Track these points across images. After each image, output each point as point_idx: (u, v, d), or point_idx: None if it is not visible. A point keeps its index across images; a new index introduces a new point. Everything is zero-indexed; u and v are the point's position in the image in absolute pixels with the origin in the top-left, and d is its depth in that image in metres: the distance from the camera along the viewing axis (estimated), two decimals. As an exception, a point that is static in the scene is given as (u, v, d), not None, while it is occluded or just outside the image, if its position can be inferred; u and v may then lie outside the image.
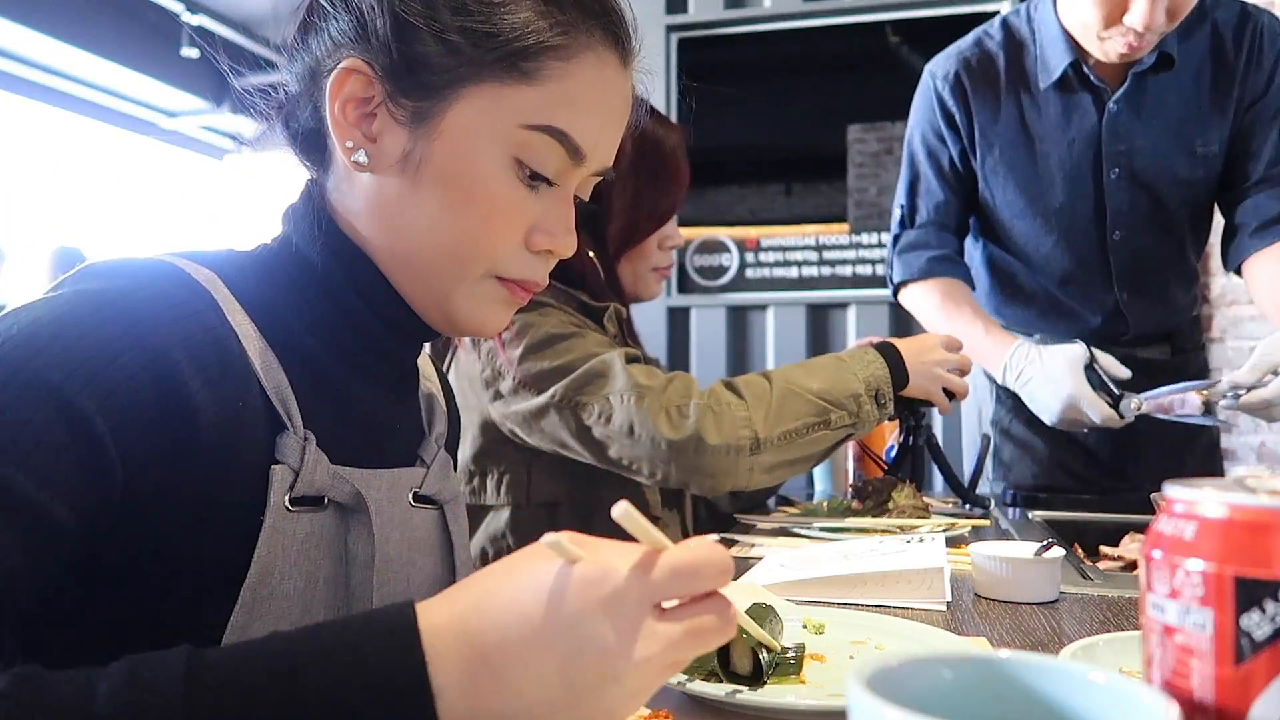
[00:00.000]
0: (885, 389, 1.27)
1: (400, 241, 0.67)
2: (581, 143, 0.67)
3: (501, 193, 0.66)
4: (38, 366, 0.52)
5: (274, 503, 0.61)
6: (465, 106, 0.64)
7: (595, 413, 1.19)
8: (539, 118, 0.65)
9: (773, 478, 1.25)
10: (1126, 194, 1.53)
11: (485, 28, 0.64)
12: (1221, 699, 0.37)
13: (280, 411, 0.62)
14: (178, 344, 0.57)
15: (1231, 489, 0.39)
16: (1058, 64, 1.51)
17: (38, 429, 0.51)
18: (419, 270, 0.68)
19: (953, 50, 1.64)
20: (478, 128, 0.64)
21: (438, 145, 0.65)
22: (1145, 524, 1.32)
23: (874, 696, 0.34)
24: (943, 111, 1.61)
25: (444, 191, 0.65)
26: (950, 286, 1.62)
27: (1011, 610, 0.91)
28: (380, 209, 0.67)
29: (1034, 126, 1.56)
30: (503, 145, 0.65)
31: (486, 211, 0.66)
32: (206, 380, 0.58)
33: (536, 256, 0.70)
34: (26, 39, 5.97)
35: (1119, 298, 1.59)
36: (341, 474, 0.65)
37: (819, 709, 0.60)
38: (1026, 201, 1.58)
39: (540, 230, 0.68)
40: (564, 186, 0.69)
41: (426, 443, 0.78)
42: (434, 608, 0.45)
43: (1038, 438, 1.65)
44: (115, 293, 0.57)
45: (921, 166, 1.66)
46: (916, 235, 1.67)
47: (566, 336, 1.24)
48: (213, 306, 0.61)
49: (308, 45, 0.70)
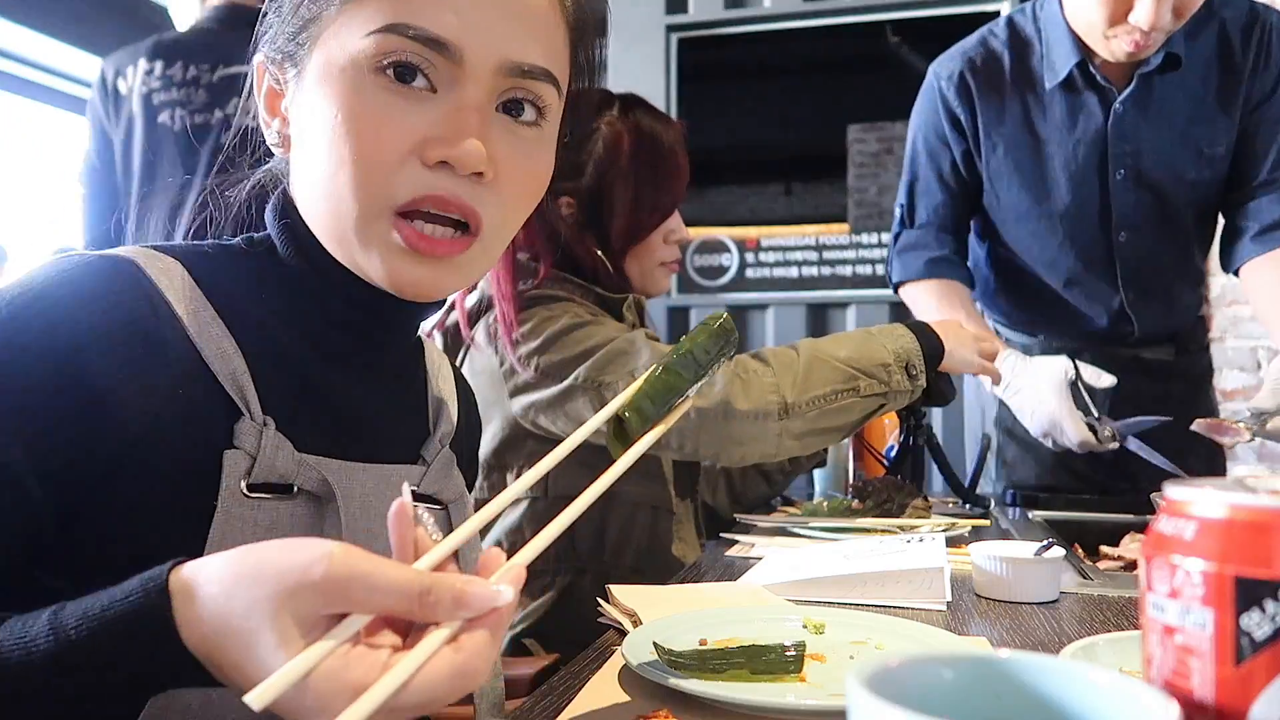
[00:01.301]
0: (916, 360, 1.26)
1: (317, 205, 0.67)
2: (441, 32, 0.62)
3: (366, 109, 0.62)
4: None
5: (228, 487, 0.60)
6: (323, 46, 0.65)
7: (622, 388, 1.20)
8: (381, 20, 0.62)
9: (803, 446, 1.25)
10: (1132, 195, 1.53)
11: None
12: (1221, 699, 0.37)
13: (235, 398, 0.62)
14: (92, 341, 0.57)
15: (1231, 489, 0.39)
16: (1064, 64, 1.50)
17: None
18: (334, 229, 0.66)
19: (957, 50, 1.63)
20: (332, 59, 0.64)
21: (308, 91, 0.65)
22: (1145, 524, 1.32)
23: (874, 696, 0.34)
24: (947, 112, 1.60)
25: (324, 130, 0.64)
26: (946, 288, 1.62)
27: (1011, 610, 0.91)
28: (300, 182, 0.68)
29: (1039, 127, 1.55)
30: (360, 62, 0.62)
31: (356, 134, 0.62)
32: (130, 374, 0.58)
33: (435, 170, 0.63)
34: (26, 39, 5.97)
35: (1124, 299, 1.58)
36: (310, 462, 0.64)
37: (819, 709, 0.60)
38: (1031, 202, 1.57)
39: (432, 140, 0.62)
40: (459, 93, 0.63)
41: (430, 441, 0.78)
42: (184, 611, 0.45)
43: None
44: (29, 294, 0.58)
45: (922, 168, 1.66)
46: (915, 236, 1.67)
47: (583, 325, 1.26)
48: (146, 296, 0.61)
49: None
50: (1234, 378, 2.83)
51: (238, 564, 0.44)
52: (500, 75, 0.64)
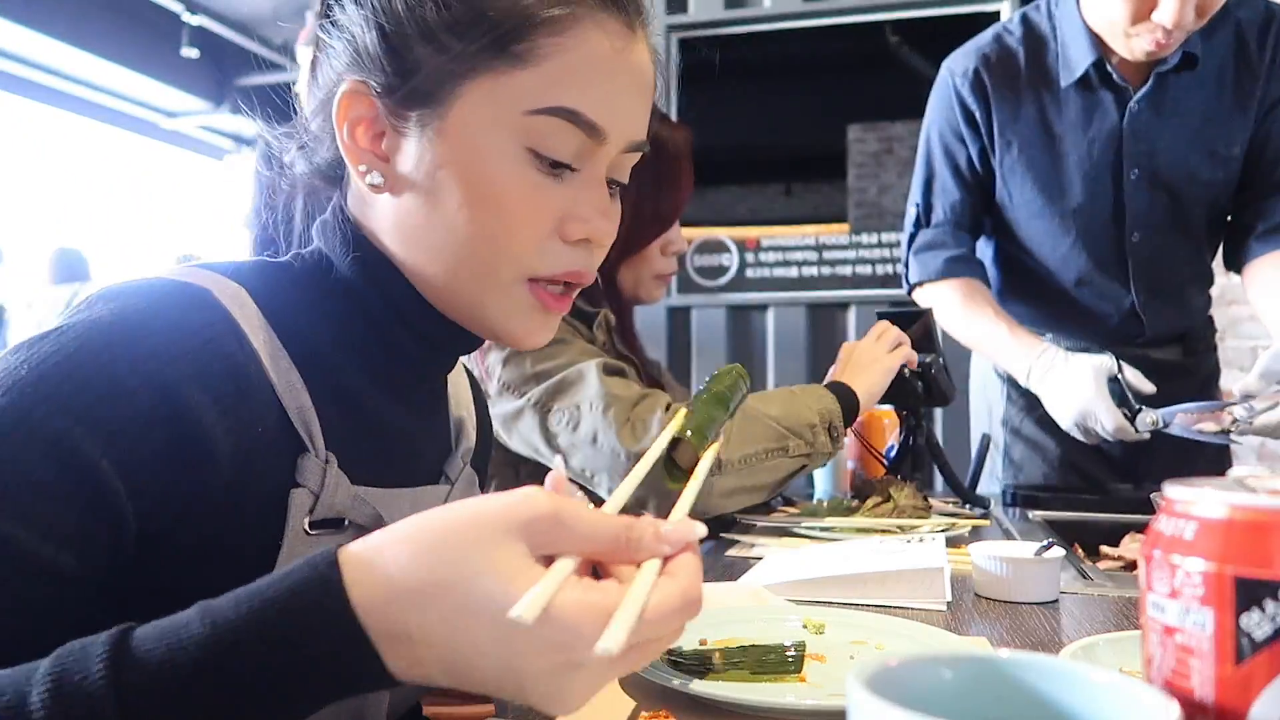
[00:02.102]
0: (837, 421, 1.28)
1: (426, 254, 0.65)
2: (596, 118, 0.63)
3: (517, 187, 0.63)
4: (44, 413, 0.52)
5: (292, 527, 0.60)
6: (465, 104, 0.62)
7: (564, 419, 1.20)
8: (542, 100, 0.62)
9: (730, 503, 1.25)
10: (1146, 195, 1.52)
11: (468, 18, 0.62)
12: (1221, 699, 0.37)
13: (302, 433, 0.61)
14: (190, 377, 0.56)
15: (1231, 489, 0.39)
16: (1080, 62, 1.49)
17: (41, 479, 0.51)
18: (449, 282, 0.66)
19: (971, 47, 1.61)
20: (481, 123, 0.62)
21: (444, 150, 0.63)
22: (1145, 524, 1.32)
23: (874, 696, 0.34)
24: (962, 109, 1.59)
25: (459, 196, 0.63)
26: (970, 287, 1.60)
27: (1011, 610, 0.91)
28: (401, 225, 0.66)
29: (1054, 125, 1.54)
30: (511, 137, 0.62)
31: (504, 209, 0.63)
32: (223, 410, 0.57)
33: (574, 247, 0.66)
34: (26, 39, 5.97)
35: (1135, 299, 1.57)
36: (363, 495, 0.64)
37: (819, 709, 0.60)
38: (1044, 201, 1.56)
39: (572, 218, 0.65)
40: (591, 169, 0.66)
41: (453, 459, 0.77)
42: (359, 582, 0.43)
43: (1049, 437, 1.64)
44: (127, 325, 0.56)
45: (938, 165, 1.64)
46: (933, 235, 1.65)
47: (552, 343, 1.25)
48: (233, 330, 0.60)
49: (318, 80, 0.70)
50: (1233, 378, 2.82)
51: (417, 528, 0.44)
52: (622, 152, 0.67)
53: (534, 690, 0.43)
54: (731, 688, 0.63)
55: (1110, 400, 1.39)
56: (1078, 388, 1.42)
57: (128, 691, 0.40)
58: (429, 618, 0.42)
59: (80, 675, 0.40)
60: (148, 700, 0.40)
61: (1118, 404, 1.39)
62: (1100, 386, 1.40)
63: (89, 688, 0.40)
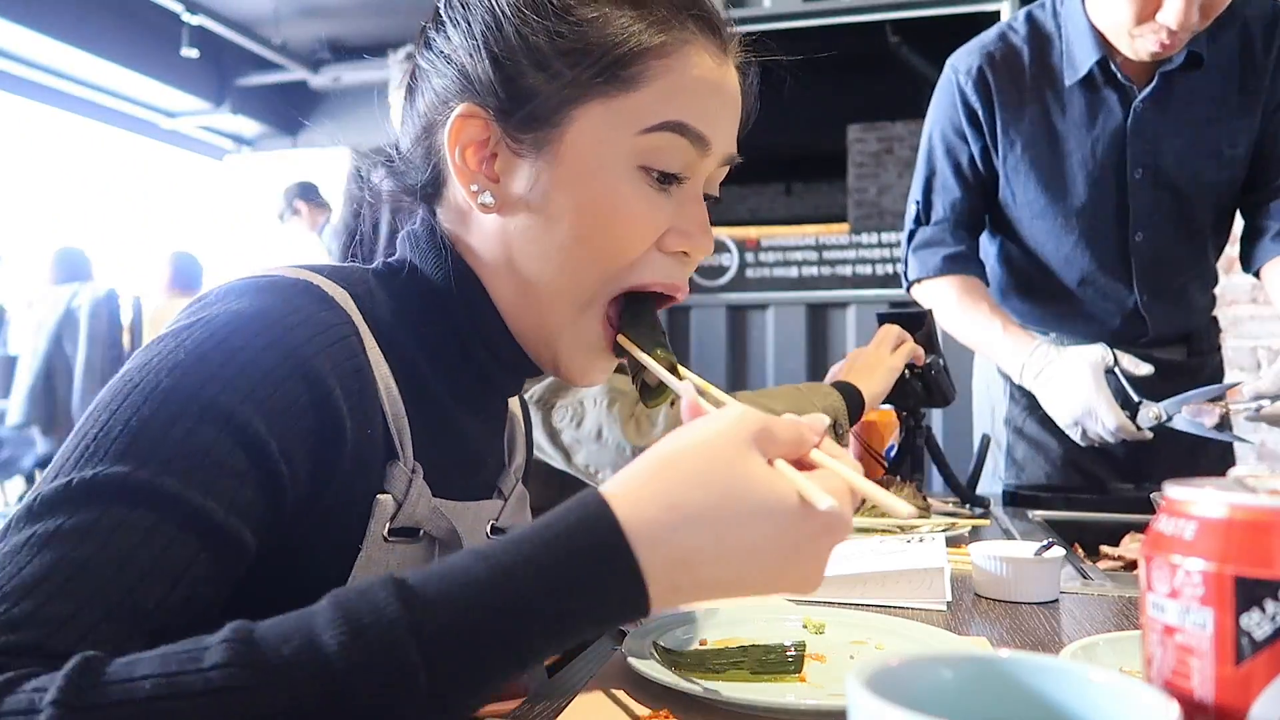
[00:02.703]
0: (843, 420, 1.27)
1: (522, 276, 0.67)
2: (703, 129, 0.66)
3: (633, 203, 0.65)
4: (214, 392, 0.52)
5: (373, 532, 0.61)
6: (579, 127, 0.64)
7: (567, 415, 1.20)
8: (654, 118, 0.64)
9: None
10: (1150, 195, 1.51)
11: (579, 46, 0.64)
12: (1221, 699, 0.37)
13: (395, 440, 0.62)
14: (330, 371, 0.57)
15: (1231, 489, 0.39)
16: (1084, 61, 1.48)
17: (220, 455, 0.51)
18: (536, 305, 0.67)
19: (975, 45, 1.60)
20: (594, 145, 0.64)
21: (560, 172, 0.65)
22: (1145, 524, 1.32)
23: (874, 696, 0.34)
24: (965, 107, 1.58)
25: (576, 216, 0.64)
26: (966, 284, 1.60)
27: (1011, 610, 0.91)
28: (506, 245, 0.67)
29: (1058, 124, 1.53)
30: (624, 156, 0.64)
31: (615, 226, 0.65)
32: (351, 408, 0.58)
33: (671, 258, 0.68)
34: (26, 39, 5.97)
35: (1139, 299, 1.57)
36: (441, 508, 0.65)
37: (819, 709, 0.60)
38: (1048, 200, 1.55)
39: (674, 232, 0.67)
40: (693, 183, 0.68)
41: (506, 475, 0.78)
42: (634, 521, 0.46)
43: (1052, 437, 1.63)
44: (270, 317, 0.57)
45: (939, 163, 1.63)
46: (932, 232, 1.64)
47: None
48: (355, 331, 0.61)
49: (416, 105, 0.71)
50: (1234, 378, 2.83)
51: (661, 463, 0.48)
52: (717, 165, 0.69)
53: (795, 574, 0.50)
54: (731, 688, 0.63)
55: (1110, 396, 1.38)
56: (1075, 385, 1.41)
57: (422, 630, 0.42)
58: (706, 539, 0.47)
59: (372, 616, 0.42)
60: (441, 638, 0.42)
61: (1118, 400, 1.39)
62: (1099, 382, 1.39)
63: (385, 628, 0.41)
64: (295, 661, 0.41)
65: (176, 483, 0.49)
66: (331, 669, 0.40)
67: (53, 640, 0.44)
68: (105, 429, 0.51)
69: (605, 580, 0.45)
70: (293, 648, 0.41)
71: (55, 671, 0.41)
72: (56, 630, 0.45)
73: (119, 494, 0.48)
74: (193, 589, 0.49)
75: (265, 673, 0.40)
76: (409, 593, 0.43)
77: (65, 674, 0.41)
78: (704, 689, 0.62)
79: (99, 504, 0.48)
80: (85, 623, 0.45)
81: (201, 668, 0.40)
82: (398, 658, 0.41)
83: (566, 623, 0.45)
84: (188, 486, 0.50)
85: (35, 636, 0.44)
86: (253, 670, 0.40)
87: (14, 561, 0.46)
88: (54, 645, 0.44)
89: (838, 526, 0.49)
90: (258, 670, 0.40)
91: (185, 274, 4.63)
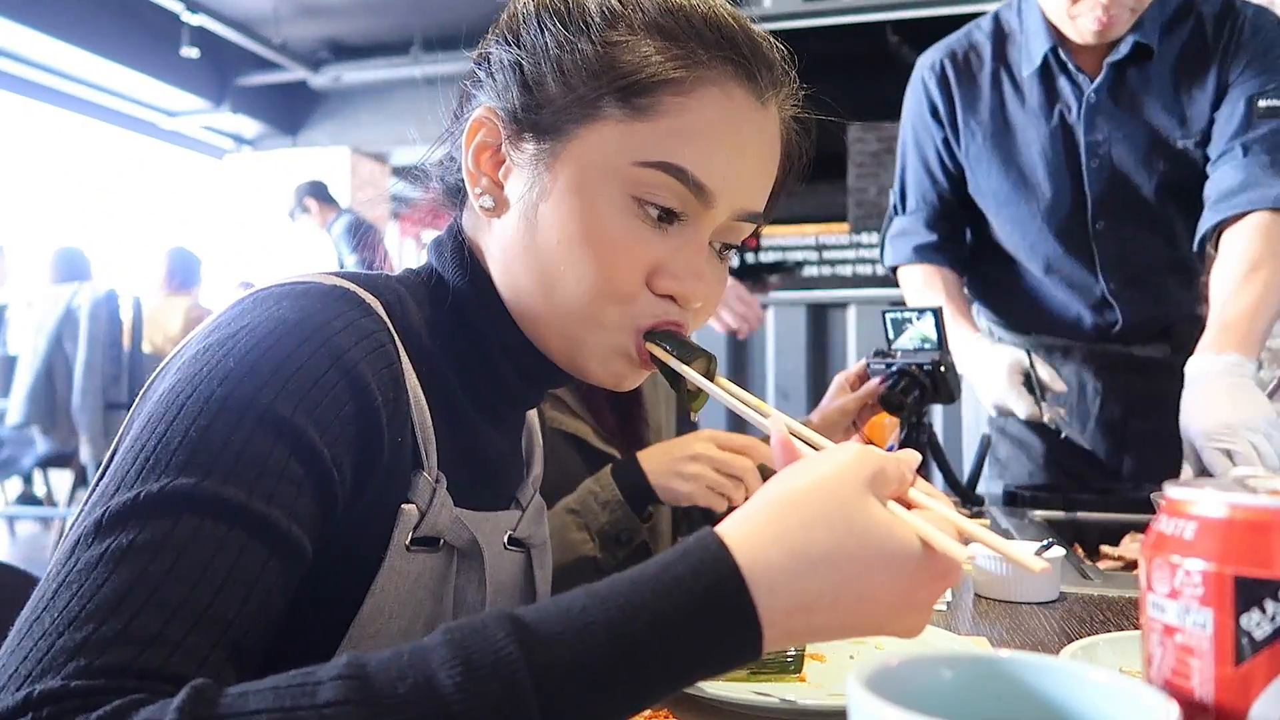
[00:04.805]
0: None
1: (523, 282, 0.66)
2: (705, 180, 0.63)
3: (613, 229, 0.63)
4: (268, 400, 0.52)
5: (396, 541, 0.60)
6: (580, 144, 0.63)
7: (565, 420, 1.19)
8: (653, 154, 0.62)
9: None
10: (1106, 184, 1.54)
11: (600, 64, 0.63)
12: (1221, 699, 0.37)
13: (421, 450, 0.62)
14: (372, 377, 0.57)
15: (1231, 489, 0.39)
16: (1038, 51, 1.52)
17: (279, 463, 0.51)
18: (547, 313, 0.66)
19: (942, 43, 1.67)
20: (590, 164, 0.63)
21: (554, 184, 0.64)
22: (1145, 524, 1.32)
23: (874, 696, 0.34)
24: (928, 101, 1.64)
25: (557, 230, 0.63)
26: (928, 273, 1.66)
27: (1011, 610, 0.91)
28: (507, 251, 0.67)
29: (1015, 115, 1.57)
30: (618, 183, 0.63)
31: (596, 249, 0.63)
32: (389, 415, 0.58)
33: (662, 300, 0.65)
34: (26, 39, 5.98)
35: (1105, 287, 1.58)
36: (462, 518, 0.65)
37: (819, 709, 0.60)
38: (1010, 188, 1.59)
39: (663, 272, 0.64)
40: (695, 230, 0.65)
41: (524, 485, 0.78)
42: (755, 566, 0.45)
43: (1034, 436, 1.66)
44: (313, 324, 0.56)
45: (910, 157, 1.70)
46: (905, 222, 1.71)
47: None
48: (392, 339, 0.61)
49: (462, 111, 0.71)
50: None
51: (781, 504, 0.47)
52: (731, 219, 0.66)
53: (908, 620, 0.49)
54: (731, 688, 0.64)
55: (1022, 392, 1.44)
56: (993, 379, 1.47)
57: (537, 670, 0.41)
58: (825, 584, 0.46)
59: (489, 655, 0.41)
60: (556, 679, 0.42)
61: (1033, 392, 1.44)
62: (1013, 380, 1.44)
63: (501, 667, 0.41)
64: (410, 700, 0.40)
65: (241, 492, 0.49)
66: (448, 708, 0.40)
67: (144, 658, 0.44)
68: (164, 441, 0.50)
69: (723, 627, 0.44)
70: (408, 685, 0.41)
71: (162, 699, 0.41)
72: (146, 648, 0.44)
73: (188, 505, 0.48)
74: (266, 597, 0.49)
75: (380, 710, 0.40)
76: (525, 632, 0.42)
77: (178, 707, 0.40)
78: (704, 689, 0.62)
79: (169, 516, 0.48)
80: (173, 638, 0.45)
81: (316, 704, 0.40)
82: (513, 698, 0.41)
83: (681, 668, 0.44)
84: (251, 496, 0.49)
85: (126, 656, 0.43)
86: (368, 708, 0.40)
87: (91, 579, 0.46)
88: (146, 663, 0.44)
89: (954, 572, 0.48)
90: (373, 708, 0.40)
91: (183, 271, 4.62)
